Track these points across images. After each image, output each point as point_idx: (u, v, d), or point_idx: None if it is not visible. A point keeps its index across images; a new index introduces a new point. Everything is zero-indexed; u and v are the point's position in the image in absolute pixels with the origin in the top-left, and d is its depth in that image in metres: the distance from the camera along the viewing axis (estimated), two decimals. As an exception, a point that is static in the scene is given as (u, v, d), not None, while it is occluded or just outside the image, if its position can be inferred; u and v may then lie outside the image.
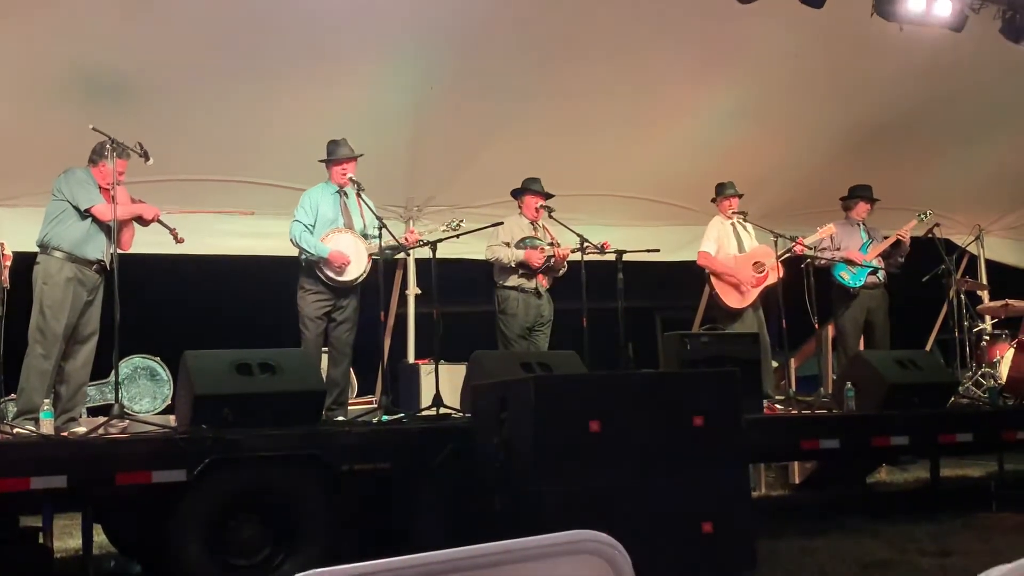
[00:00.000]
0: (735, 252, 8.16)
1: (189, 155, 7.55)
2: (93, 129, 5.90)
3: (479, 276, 7.97)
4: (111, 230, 5.99)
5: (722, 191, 8.30)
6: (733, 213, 8.22)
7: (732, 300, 8.05)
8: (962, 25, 7.90)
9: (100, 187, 6.17)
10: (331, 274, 6.66)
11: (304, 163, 7.32)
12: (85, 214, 6.07)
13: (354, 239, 6.78)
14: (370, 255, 6.78)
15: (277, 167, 8.07)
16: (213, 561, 4.91)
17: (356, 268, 6.72)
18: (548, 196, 7.73)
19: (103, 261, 6.16)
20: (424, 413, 6.49)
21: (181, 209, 6.65)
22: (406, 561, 1.32)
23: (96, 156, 6.21)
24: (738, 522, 4.97)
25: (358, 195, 6.83)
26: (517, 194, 7.83)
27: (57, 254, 6.04)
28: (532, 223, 7.74)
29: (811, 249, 8.14)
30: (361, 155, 6.89)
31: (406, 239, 6.94)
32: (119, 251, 6.06)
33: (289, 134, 7.83)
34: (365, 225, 6.84)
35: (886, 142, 9.27)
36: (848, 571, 5.31)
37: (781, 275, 7.85)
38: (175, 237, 6.29)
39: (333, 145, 6.90)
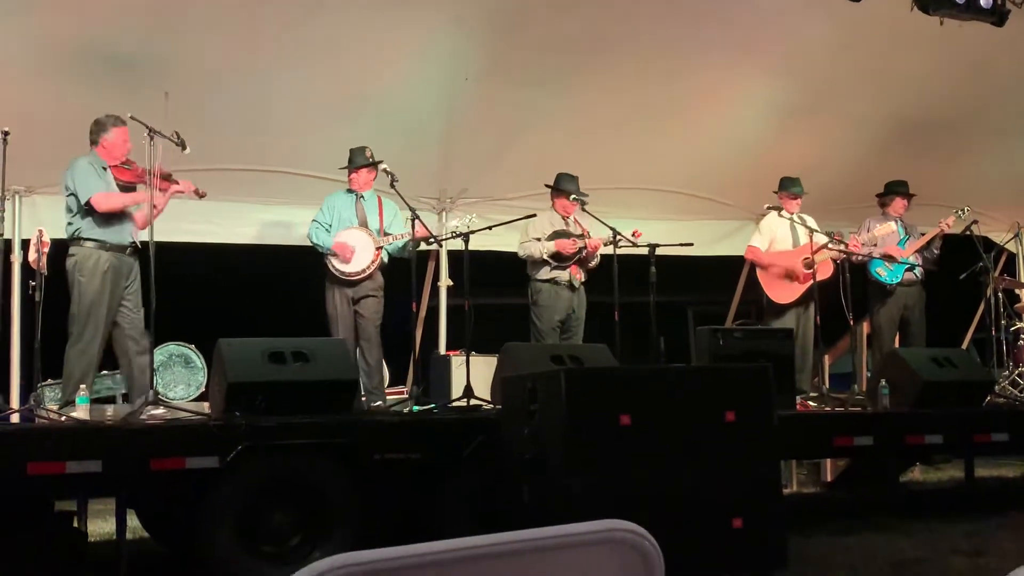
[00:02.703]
0: (789, 248, 8.09)
1: (221, 144, 7.57)
2: (131, 118, 5.94)
3: (511, 268, 7.96)
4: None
5: (788, 186, 8.15)
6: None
7: (778, 296, 7.99)
8: (1004, 19, 7.79)
9: (107, 166, 6.12)
10: (337, 264, 7.01)
11: (338, 153, 7.35)
12: (86, 206, 5.97)
13: (363, 235, 7.06)
14: (378, 249, 7.02)
15: (311, 157, 8.09)
16: (243, 547, 4.95)
17: (361, 260, 7.00)
18: (581, 199, 7.70)
19: (135, 242, 6.18)
20: (455, 404, 6.51)
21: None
22: (435, 547, 1.32)
23: (95, 136, 6.15)
24: (769, 519, 4.92)
25: (379, 198, 7.21)
26: (552, 190, 7.82)
27: (89, 244, 6.02)
28: (564, 219, 7.77)
29: (864, 247, 8.08)
30: (374, 163, 7.09)
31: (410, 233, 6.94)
32: (141, 231, 6.10)
33: (323, 124, 7.85)
34: (382, 225, 7.12)
35: (924, 137, 9.14)
36: (880, 570, 5.26)
37: (831, 272, 7.76)
38: (197, 193, 6.34)
39: (350, 152, 7.22)
